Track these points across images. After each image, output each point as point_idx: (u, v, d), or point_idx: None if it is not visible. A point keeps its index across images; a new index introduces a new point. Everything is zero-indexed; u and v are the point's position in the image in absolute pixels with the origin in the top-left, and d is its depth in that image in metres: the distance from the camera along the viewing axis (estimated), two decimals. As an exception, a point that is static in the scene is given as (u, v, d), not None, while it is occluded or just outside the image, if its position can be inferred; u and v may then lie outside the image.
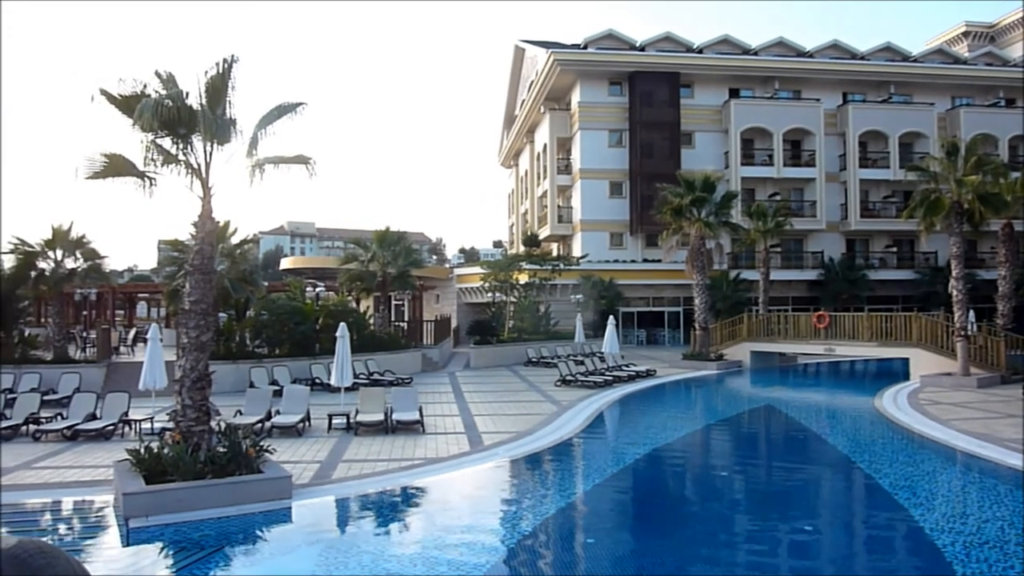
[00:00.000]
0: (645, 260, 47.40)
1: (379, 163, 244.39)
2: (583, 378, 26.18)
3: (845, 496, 13.35)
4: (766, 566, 9.41)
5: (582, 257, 45.19)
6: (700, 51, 50.93)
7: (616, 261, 47.02)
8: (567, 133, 51.95)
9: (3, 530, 11.06)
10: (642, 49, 50.47)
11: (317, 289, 33.76)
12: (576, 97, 49.98)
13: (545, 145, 53.98)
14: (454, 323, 46.74)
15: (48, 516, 11.80)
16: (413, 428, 16.92)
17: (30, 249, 25.49)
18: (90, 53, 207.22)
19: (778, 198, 48.51)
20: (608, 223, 48.90)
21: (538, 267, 40.90)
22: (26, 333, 27.67)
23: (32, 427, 16.86)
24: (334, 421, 17.37)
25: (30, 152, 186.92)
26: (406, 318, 44.02)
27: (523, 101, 59.54)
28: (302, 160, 12.74)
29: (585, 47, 50.40)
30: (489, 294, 41.60)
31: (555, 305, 42.41)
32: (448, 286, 51.92)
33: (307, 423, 17.33)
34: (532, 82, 54.97)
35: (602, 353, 30.55)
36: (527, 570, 9.15)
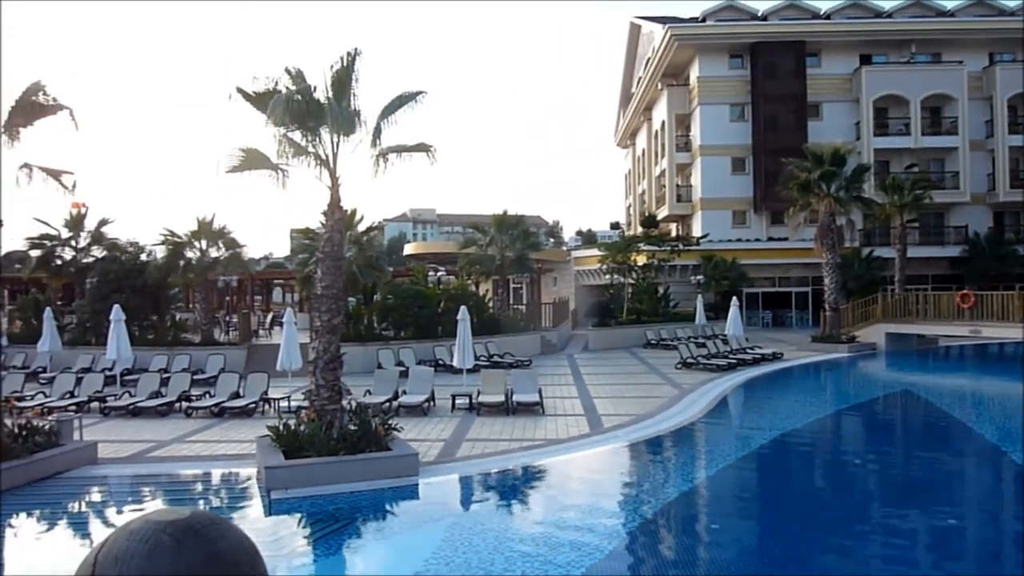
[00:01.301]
0: (770, 239, 45.67)
1: (496, 147, 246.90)
2: (705, 361, 25.62)
3: (993, 489, 12.46)
4: (904, 560, 8.94)
5: (703, 237, 44.02)
6: (828, 17, 48.22)
7: (739, 240, 45.52)
8: (686, 109, 50.61)
9: (160, 500, 12.10)
10: (764, 18, 48.35)
11: (439, 273, 34.61)
12: (695, 72, 48.56)
13: (663, 123, 52.83)
14: (572, 305, 46.75)
15: (200, 486, 12.80)
16: (533, 409, 17.12)
17: (178, 240, 27.51)
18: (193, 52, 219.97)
19: (916, 169, 45.38)
20: (730, 201, 47.39)
21: (657, 248, 40.22)
22: (177, 318, 29.88)
23: (184, 404, 18.26)
24: (457, 401, 17.83)
25: (173, 148, 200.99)
26: (524, 301, 44.44)
27: (639, 79, 58.46)
28: (423, 148, 13.07)
29: (703, 20, 48.81)
30: (607, 276, 41.30)
31: (675, 286, 41.61)
32: (566, 269, 51.96)
33: (432, 403, 17.88)
34: (648, 59, 53.85)
35: (725, 335, 29.76)
36: (649, 554, 9.11)
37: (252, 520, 10.68)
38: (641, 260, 39.98)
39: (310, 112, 12.14)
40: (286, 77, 12.63)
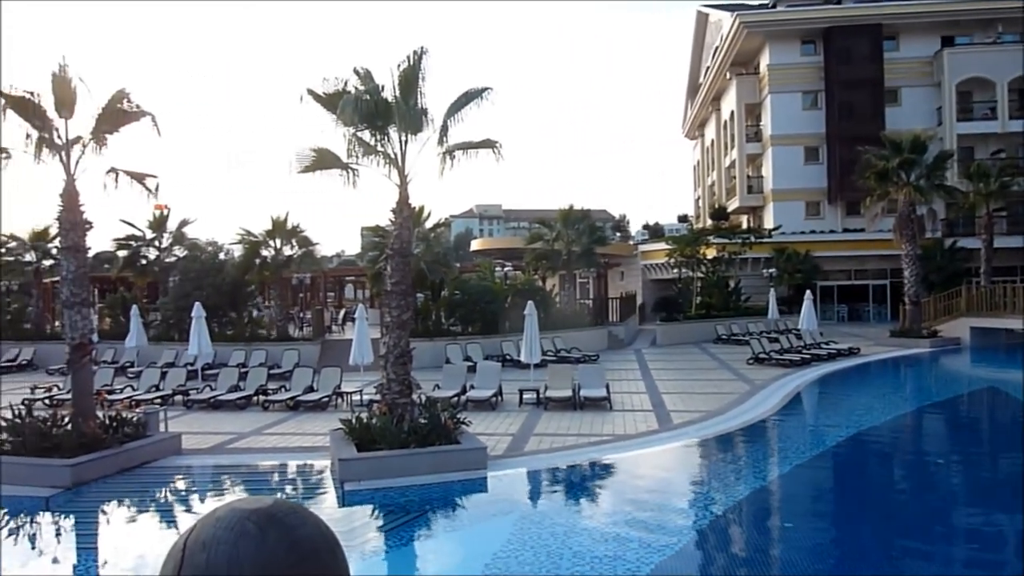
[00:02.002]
0: (846, 230, 44.23)
1: (562, 142, 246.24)
2: (778, 356, 25.04)
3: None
4: (987, 564, 8.58)
5: (775, 229, 42.96)
6: (907, -2, 46.37)
7: (812, 232, 44.23)
8: (756, 98, 49.42)
9: (239, 490, 12.56)
10: (838, 2, 46.77)
11: (505, 269, 34.77)
12: (765, 60, 47.38)
13: (732, 113, 51.75)
14: (639, 300, 46.29)
15: (276, 477, 13.23)
16: (600, 405, 17.07)
17: (254, 239, 28.42)
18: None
19: (1003, 156, 43.20)
20: (803, 191, 46.10)
21: (727, 241, 39.46)
22: (253, 314, 30.88)
23: (261, 397, 18.88)
24: (524, 396, 17.91)
25: (247, 148, 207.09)
26: (591, 296, 44.23)
27: (707, 69, 57.38)
28: (489, 144, 13.16)
29: (774, 6, 47.56)
30: (675, 270, 40.73)
31: (745, 280, 40.76)
32: (633, 263, 51.45)
33: (499, 398, 18.01)
34: (717, 48, 52.80)
35: (798, 330, 29.02)
36: (719, 552, 9.00)
37: (327, 510, 10.98)
38: (711, 253, 39.29)
39: (378, 111, 12.37)
40: (355, 78, 12.90)
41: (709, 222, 49.67)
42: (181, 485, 12.82)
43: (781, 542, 9.31)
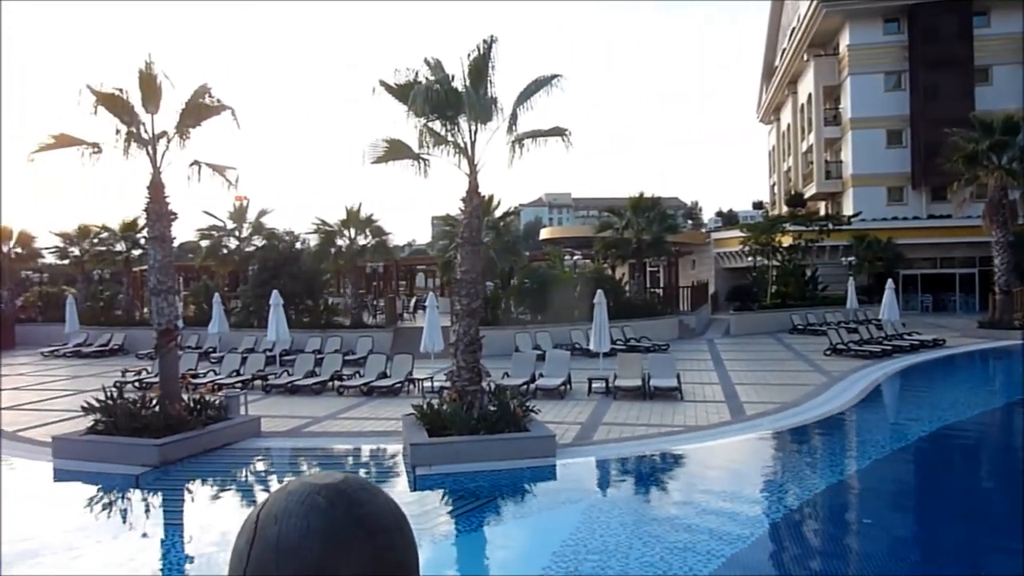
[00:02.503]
0: (931, 216, 42.35)
1: (632, 129, 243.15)
2: (857, 347, 24.24)
3: None
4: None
5: (854, 215, 41.47)
6: (1000, -30, 43.89)
7: (895, 218, 42.52)
8: (835, 80, 47.69)
9: (316, 471, 12.94)
10: (926, -23, 44.65)
11: (575, 257, 34.68)
12: (845, 40, 45.64)
13: (810, 95, 50.10)
14: (711, 289, 45.46)
15: (351, 460, 13.58)
16: (671, 395, 16.88)
17: (330, 229, 29.13)
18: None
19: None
20: (885, 176, 44.34)
21: (803, 228, 38.30)
22: (329, 302, 31.69)
23: (336, 383, 19.38)
24: (594, 385, 17.86)
25: (324, 139, 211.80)
26: (661, 284, 43.70)
27: (783, 51, 55.69)
28: (558, 132, 13.12)
29: (855, -16, 45.74)
30: (749, 258, 39.82)
31: (823, 268, 39.50)
32: (705, 251, 50.51)
33: (568, 386, 18.01)
34: (793, 29, 51.17)
35: (879, 320, 28.00)
36: (793, 546, 8.81)
37: (399, 493, 11.20)
38: (786, 241, 38.23)
39: (449, 101, 12.46)
40: (425, 68, 13.03)
41: (785, 209, 48.32)
42: (260, 466, 13.29)
43: (858, 538, 9.04)
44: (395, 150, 13.24)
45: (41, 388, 21.87)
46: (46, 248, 39.24)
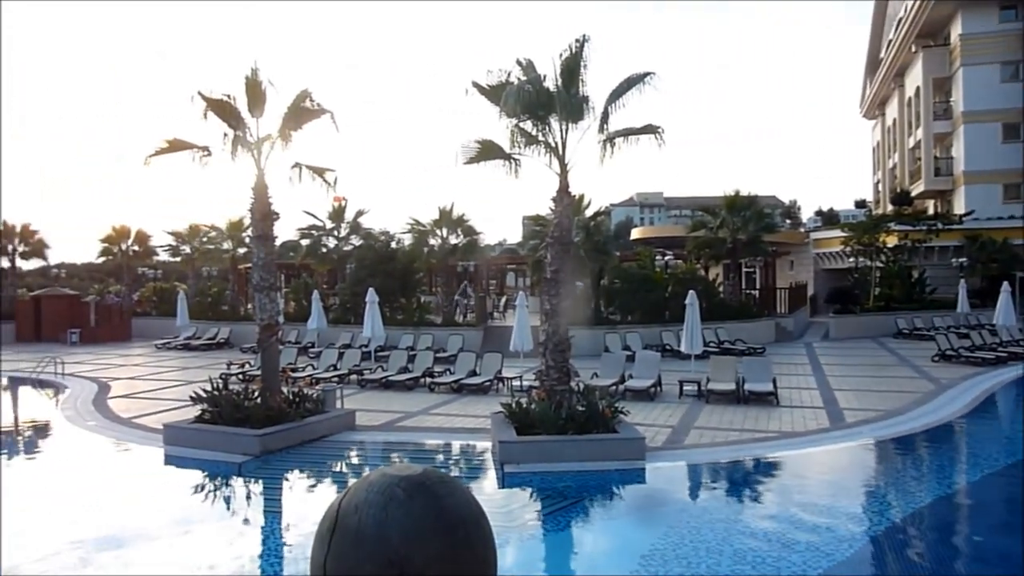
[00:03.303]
0: (1052, 216, 39.54)
1: (728, 126, 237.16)
2: (968, 354, 22.89)
3: None
4: None
5: (966, 214, 39.16)
6: None
7: (1012, 217, 39.86)
8: (945, 72, 45.14)
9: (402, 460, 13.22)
10: (1050, -40, 41.72)
11: (666, 257, 34.13)
12: (957, 29, 43.13)
13: (918, 88, 47.61)
14: (810, 291, 43.92)
15: (441, 455, 13.81)
16: (766, 399, 16.39)
17: (423, 229, 29.70)
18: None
19: None
20: (1001, 173, 41.64)
21: (910, 228, 36.47)
22: (421, 300, 32.32)
23: (428, 379, 19.76)
24: (685, 388, 17.54)
25: (417, 140, 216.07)
26: (757, 286, 42.47)
27: (889, 42, 53.12)
28: (650, 130, 12.94)
29: (969, -30, 43.18)
30: (851, 259, 38.22)
31: (931, 270, 37.47)
32: (803, 251, 48.79)
33: (659, 388, 17.75)
34: (900, 19, 48.73)
35: (993, 325, 26.33)
36: (896, 562, 8.39)
37: (487, 490, 11.33)
38: (891, 241, 36.48)
39: (540, 101, 12.50)
40: (517, 69, 13.09)
41: (890, 208, 46.09)
42: (355, 459, 13.69)
43: (967, 556, 8.54)
44: (487, 151, 13.37)
45: (154, 378, 23.22)
46: (160, 246, 41.70)
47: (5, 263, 39.73)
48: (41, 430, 17.34)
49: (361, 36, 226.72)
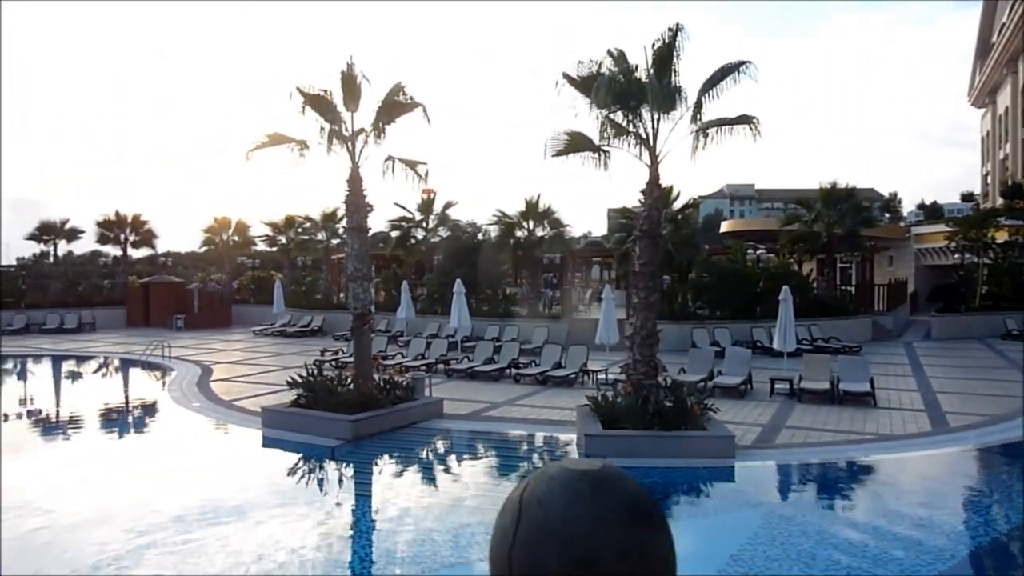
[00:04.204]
0: None
1: (823, 115, 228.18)
2: (1088, 358, 21.41)
3: None
4: None
5: (1087, 209, 36.56)
6: None
7: None
8: (1068, 57, 42.16)
9: (492, 455, 13.38)
10: None
11: (758, 252, 33.24)
12: (1084, 10, 40.21)
13: (1036, 75, 44.66)
14: (910, 287, 41.95)
15: (527, 445, 13.93)
16: (863, 400, 15.78)
17: (509, 220, 29.89)
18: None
19: None
20: None
21: (1022, 223, 34.30)
22: (507, 292, 32.57)
23: (513, 371, 19.91)
24: (776, 386, 17.07)
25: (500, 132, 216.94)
26: (854, 282, 40.86)
27: (1002, 26, 49.96)
28: (745, 120, 12.59)
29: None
30: (956, 255, 36.27)
31: (1046, 268, 35.16)
32: (903, 247, 46.60)
33: (749, 386, 17.35)
34: (1015, 2, 45.71)
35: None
36: None
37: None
38: (1001, 237, 34.39)
39: (632, 92, 12.38)
40: (608, 60, 12.99)
41: (1000, 201, 43.44)
42: (443, 446, 13.96)
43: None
44: (576, 143, 13.32)
45: (252, 363, 24.27)
46: (258, 236, 43.47)
47: (118, 252, 42.27)
48: (151, 409, 18.41)
49: (441, 27, 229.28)
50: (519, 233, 30.23)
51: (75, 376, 24.73)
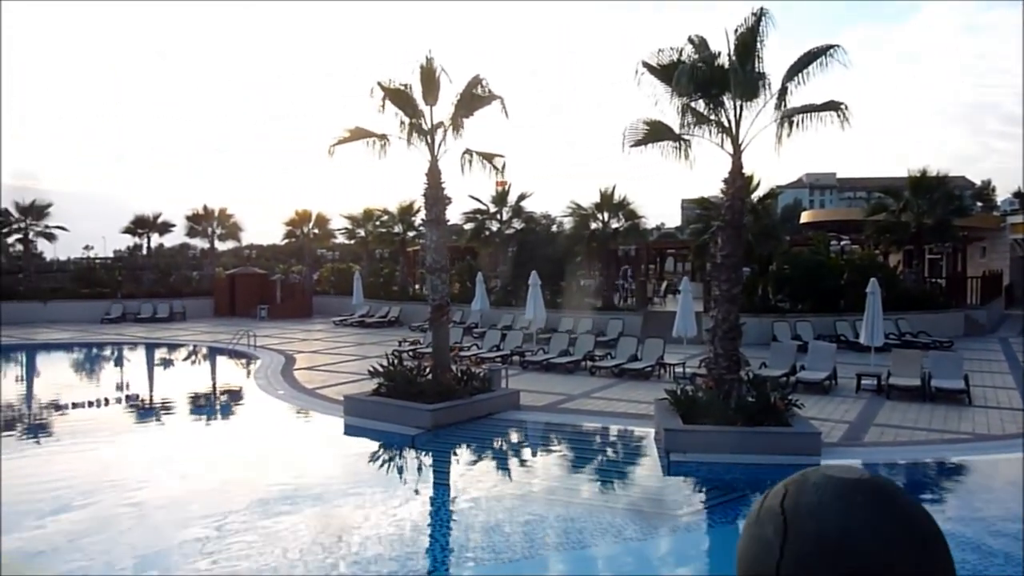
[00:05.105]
0: None
1: (909, 98, 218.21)
2: None
3: None
4: None
5: None
6: None
7: None
8: None
9: (565, 448, 13.34)
10: None
11: (842, 243, 32.13)
12: None
13: None
14: (1005, 280, 39.85)
15: (604, 439, 13.85)
16: (956, 398, 15.08)
17: (584, 212, 29.72)
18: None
19: None
20: None
21: None
22: (581, 283, 32.42)
23: (589, 363, 19.81)
24: (863, 382, 16.49)
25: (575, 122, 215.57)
26: (944, 274, 39.06)
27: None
28: (833, 106, 12.13)
29: None
30: (1058, 246, 34.28)
31: None
32: (998, 237, 44.24)
33: (834, 381, 16.81)
34: None
35: None
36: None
37: (652, 478, 11.27)
38: (1111, 227, 32.33)
39: (714, 79, 12.10)
40: (689, 47, 12.72)
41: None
42: (521, 437, 14.03)
43: None
44: (655, 132, 13.08)
45: (332, 352, 24.90)
46: (337, 229, 44.50)
47: (205, 244, 43.98)
48: (239, 396, 19.11)
49: (514, 18, 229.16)
50: (594, 225, 30.01)
51: (167, 363, 25.87)
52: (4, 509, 9.45)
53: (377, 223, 41.15)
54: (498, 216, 33.94)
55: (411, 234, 39.59)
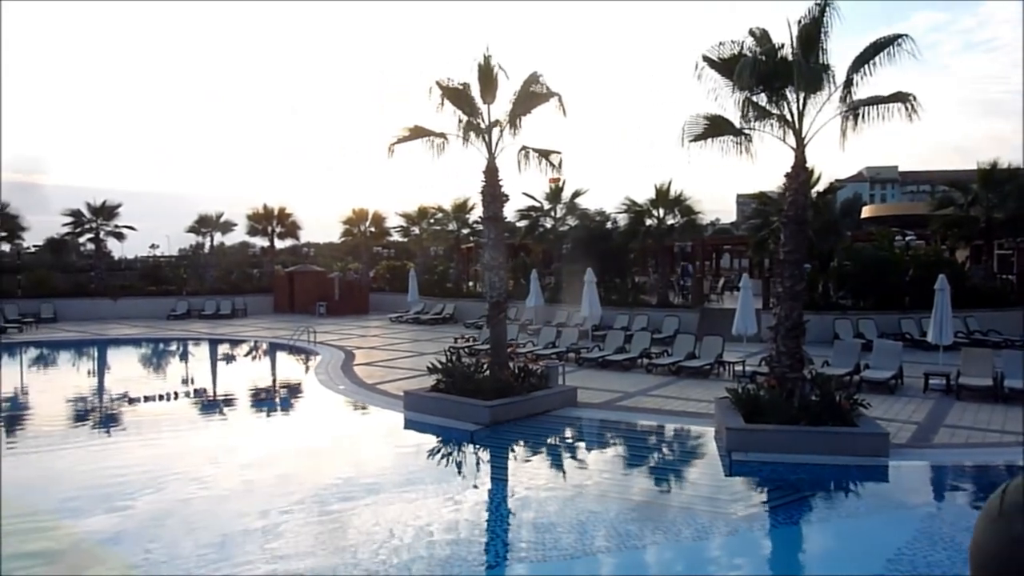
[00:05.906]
0: None
1: (980, 87, 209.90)
2: None
3: None
4: None
5: None
6: None
7: None
8: None
9: (621, 446, 13.26)
10: None
11: (907, 238, 31.17)
12: None
13: None
14: (1086, 277, 38.11)
15: (662, 437, 13.74)
16: (1032, 399, 14.52)
17: (639, 208, 29.46)
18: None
19: None
20: None
21: None
22: (636, 280, 32.15)
23: (645, 360, 19.66)
24: (931, 381, 16.00)
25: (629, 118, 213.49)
26: (1015, 270, 37.55)
27: None
28: (901, 98, 11.80)
29: None
30: None
31: None
32: (1076, 232, 42.35)
33: (899, 381, 16.35)
34: None
35: None
36: None
37: (713, 477, 11.13)
38: None
39: (776, 72, 11.87)
40: (750, 39, 12.50)
41: None
42: (579, 434, 14.02)
43: None
44: (716, 127, 12.89)
45: (390, 348, 25.23)
46: (393, 227, 45.03)
47: (265, 242, 45.02)
48: (301, 391, 19.54)
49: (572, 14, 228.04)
50: (649, 221, 29.72)
51: (231, 359, 26.59)
52: (75, 495, 9.91)
53: (432, 221, 41.53)
54: (552, 213, 33.88)
55: (465, 231, 39.83)
